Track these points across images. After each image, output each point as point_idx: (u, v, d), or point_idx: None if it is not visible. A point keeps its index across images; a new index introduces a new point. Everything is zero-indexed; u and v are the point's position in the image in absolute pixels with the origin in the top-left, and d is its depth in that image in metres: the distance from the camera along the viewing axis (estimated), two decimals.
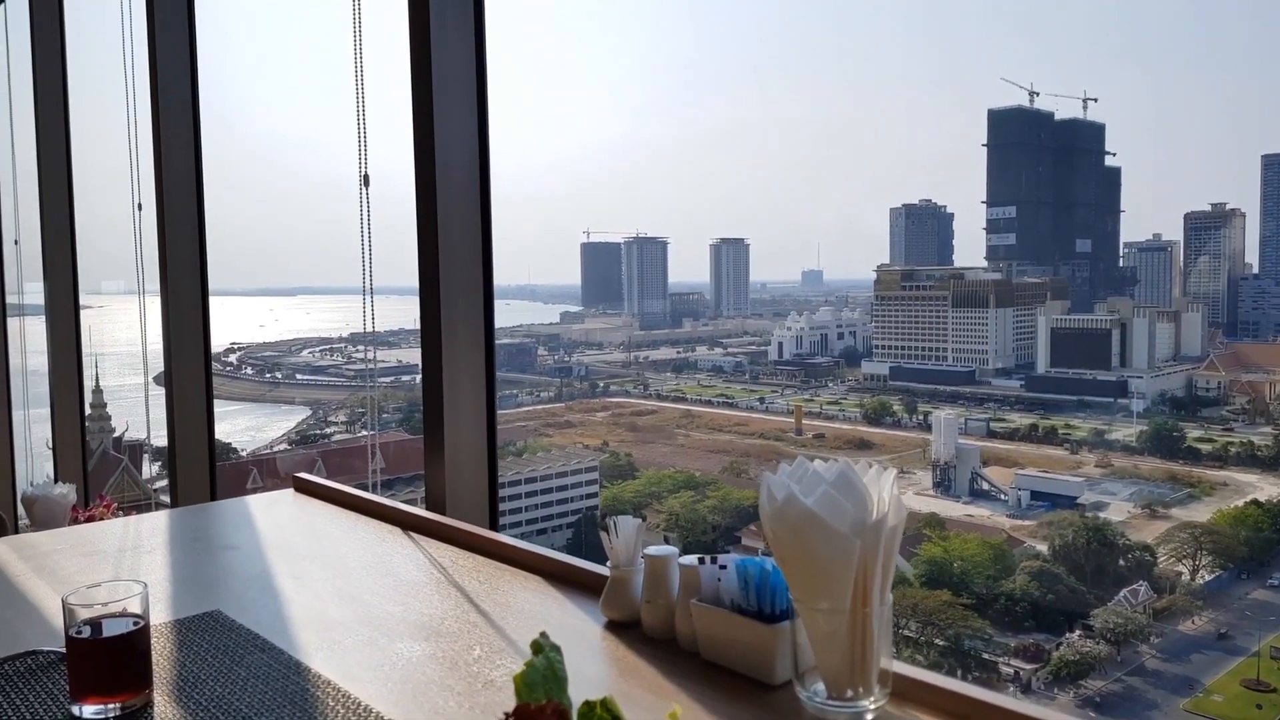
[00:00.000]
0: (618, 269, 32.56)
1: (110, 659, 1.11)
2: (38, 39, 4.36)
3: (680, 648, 1.24)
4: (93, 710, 1.10)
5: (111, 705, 1.10)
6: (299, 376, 28.69)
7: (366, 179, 2.42)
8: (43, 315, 4.66)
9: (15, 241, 5.32)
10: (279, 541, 1.89)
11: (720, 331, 30.86)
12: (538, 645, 0.88)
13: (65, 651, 1.13)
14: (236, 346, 29.41)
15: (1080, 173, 28.21)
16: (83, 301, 4.60)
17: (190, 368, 3.36)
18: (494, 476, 2.27)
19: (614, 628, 1.33)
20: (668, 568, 1.28)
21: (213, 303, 3.45)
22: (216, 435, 3.51)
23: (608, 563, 1.36)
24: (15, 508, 4.40)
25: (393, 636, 1.33)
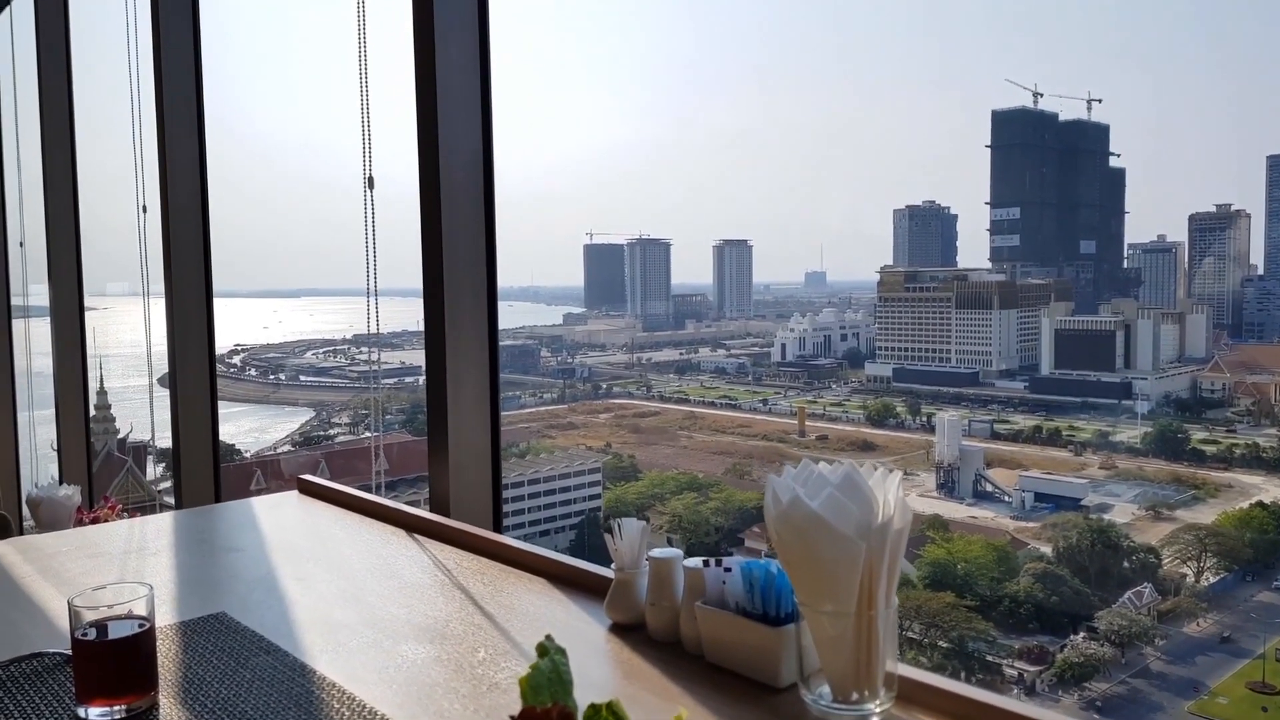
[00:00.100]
0: (621, 270, 32.57)
1: (116, 661, 1.12)
2: (43, 42, 4.38)
3: (685, 650, 1.24)
4: (98, 712, 1.10)
5: (117, 707, 1.10)
6: (302, 378, 28.73)
7: (371, 181, 2.43)
8: (48, 317, 4.67)
9: (20, 244, 5.33)
10: (283, 543, 1.89)
11: (723, 333, 30.85)
12: (543, 648, 0.88)
13: (71, 654, 1.14)
14: (240, 348, 29.46)
15: (1084, 174, 28.17)
16: (87, 303, 4.61)
17: (195, 369, 3.37)
18: (498, 478, 2.28)
19: (618, 630, 1.33)
20: (672, 570, 1.28)
21: (217, 304, 3.45)
22: (220, 436, 3.51)
23: (612, 565, 1.36)
24: (20, 509, 4.41)
25: (397, 639, 1.33)
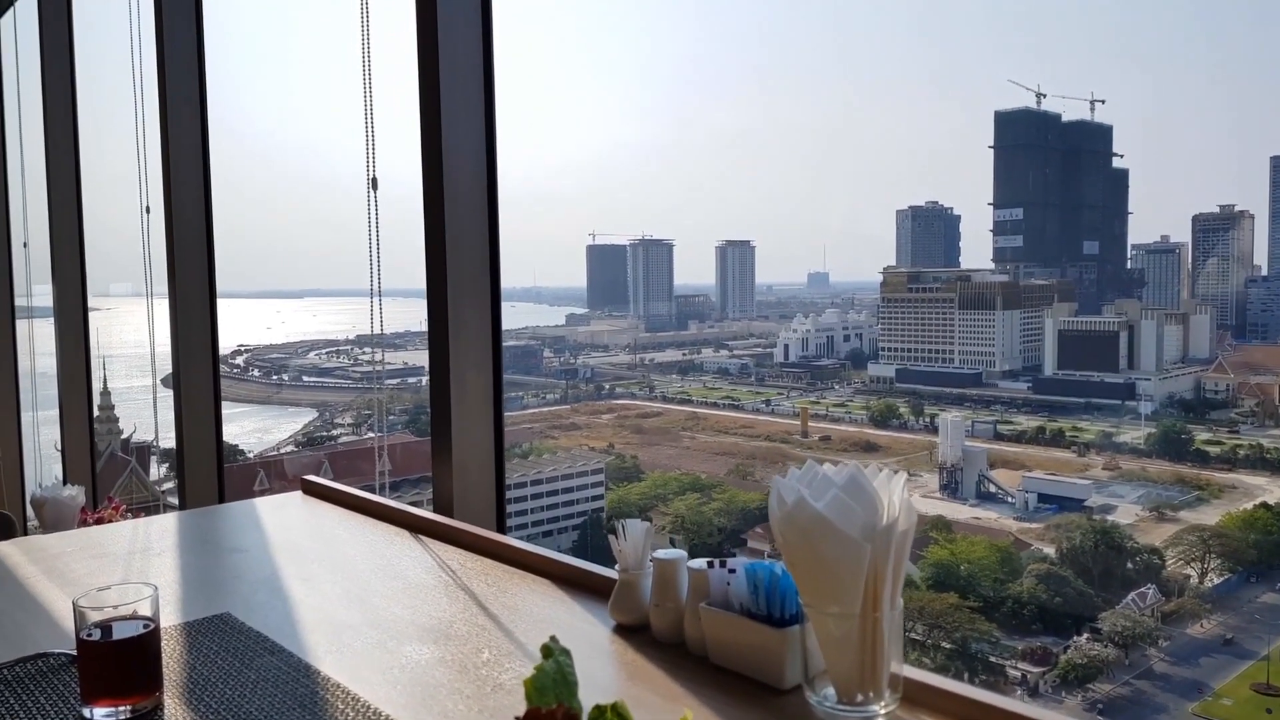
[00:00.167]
0: (623, 271, 32.57)
1: (121, 662, 1.12)
2: (46, 43, 4.39)
3: (689, 652, 1.24)
4: (103, 713, 1.10)
5: (122, 708, 1.10)
6: (305, 379, 28.76)
7: (375, 182, 2.43)
8: (51, 318, 4.68)
9: (24, 244, 5.35)
10: (287, 544, 1.89)
11: (726, 333, 30.83)
12: (548, 649, 0.88)
13: (76, 654, 1.14)
14: (244, 348, 29.50)
15: (1088, 174, 28.11)
16: (91, 304, 4.62)
17: (198, 370, 3.37)
18: (501, 479, 2.28)
19: (622, 631, 1.32)
20: (676, 571, 1.27)
21: (219, 305, 3.46)
22: (224, 437, 3.51)
23: (616, 566, 1.36)
24: (25, 510, 4.42)
25: (402, 639, 1.33)
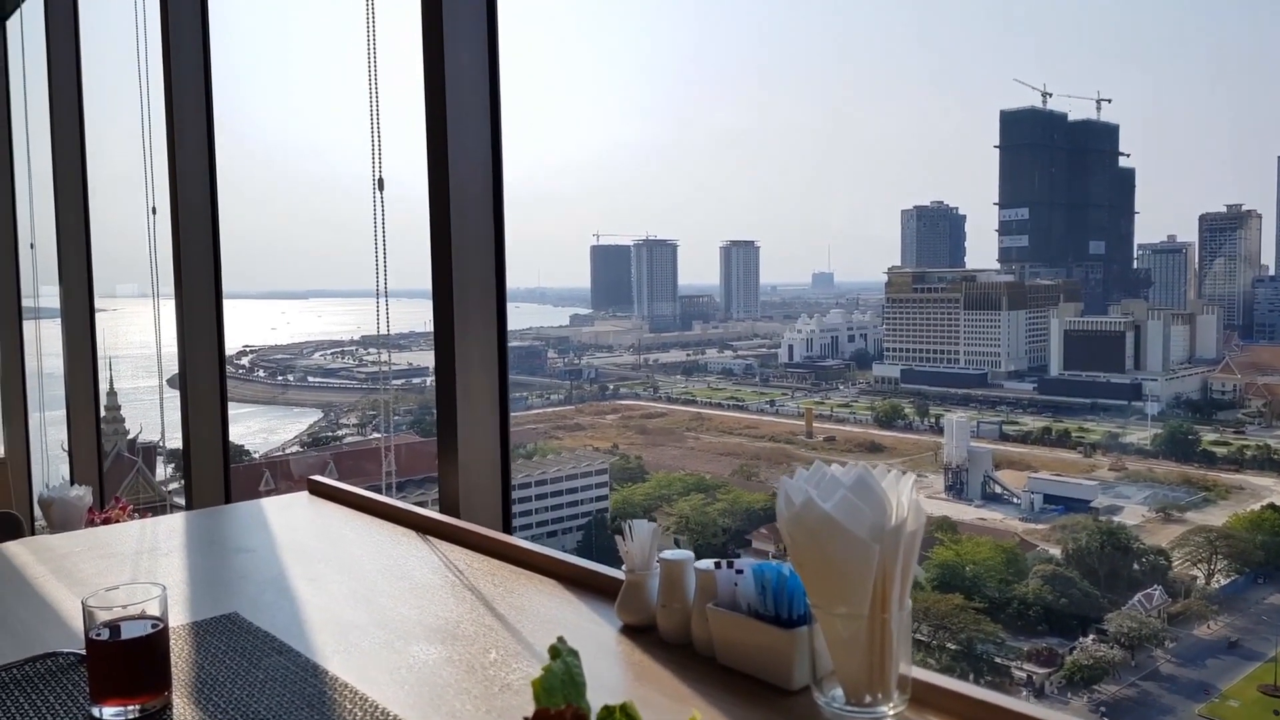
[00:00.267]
0: (627, 271, 32.56)
1: (129, 661, 1.12)
2: (53, 45, 4.40)
3: (696, 652, 1.23)
4: (112, 712, 1.11)
5: (131, 707, 1.11)
6: (310, 379, 28.82)
7: (381, 183, 2.43)
8: (58, 319, 4.70)
9: (31, 245, 5.37)
10: (294, 544, 1.89)
11: (730, 334, 30.81)
12: (555, 650, 0.88)
13: (85, 653, 1.14)
14: (249, 349, 29.57)
15: (1094, 174, 28.03)
16: (97, 305, 4.63)
17: (205, 370, 3.38)
18: (507, 479, 2.28)
19: (629, 632, 1.32)
20: (683, 572, 1.27)
21: (225, 305, 3.47)
22: (230, 437, 3.52)
23: (623, 567, 1.36)
24: (32, 510, 4.44)
25: (409, 639, 1.33)
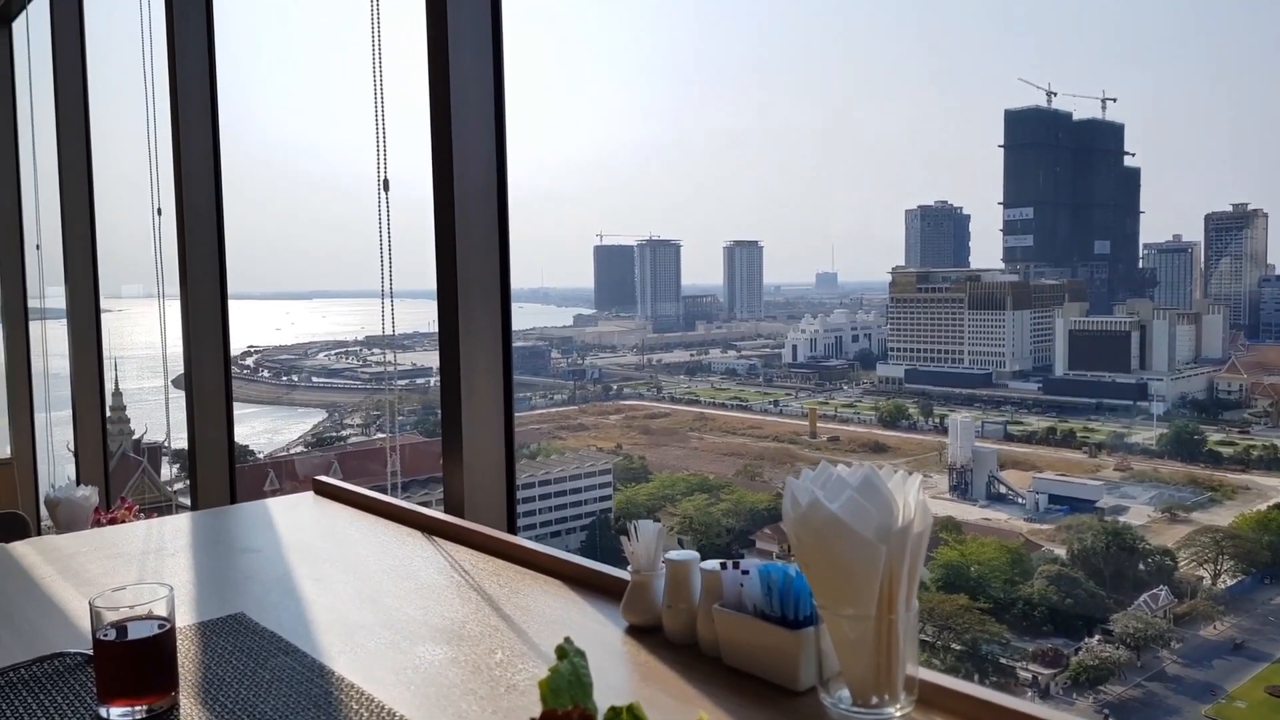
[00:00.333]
0: (631, 271, 32.57)
1: (137, 661, 1.12)
2: (58, 46, 4.42)
3: (702, 653, 1.23)
4: (120, 712, 1.11)
5: (138, 707, 1.11)
6: (315, 379, 28.88)
7: (386, 184, 2.44)
8: (64, 319, 4.71)
9: (37, 246, 5.38)
10: (300, 544, 1.90)
11: (734, 334, 30.80)
12: (562, 650, 0.88)
13: (92, 654, 1.14)
14: (253, 349, 29.64)
15: (1099, 173, 27.96)
16: (103, 305, 4.64)
17: (210, 371, 3.39)
18: (512, 480, 2.28)
19: (635, 633, 1.32)
20: (689, 572, 1.27)
21: (230, 306, 3.47)
22: (235, 437, 3.53)
23: (628, 567, 1.36)
24: (39, 510, 4.45)
25: (415, 640, 1.34)
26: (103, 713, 1.12)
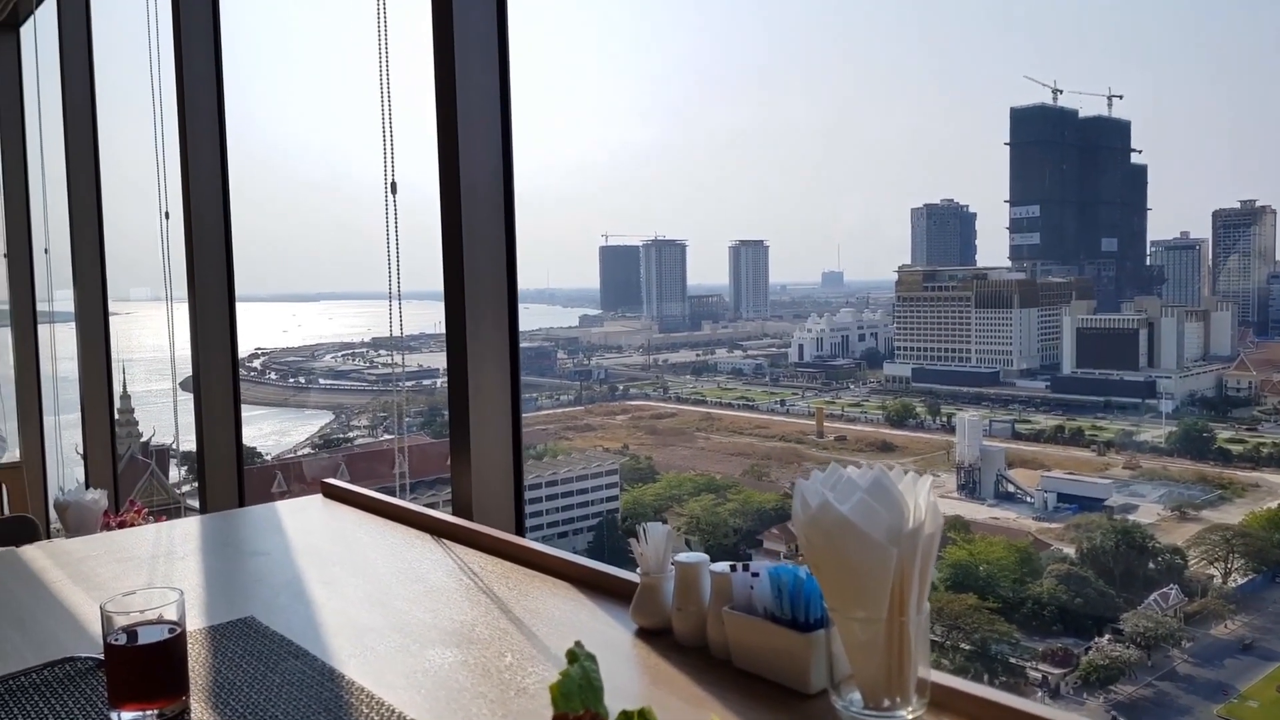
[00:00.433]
0: (636, 272, 32.54)
1: (148, 666, 1.12)
2: (66, 51, 4.43)
3: (712, 656, 1.23)
4: (131, 717, 1.11)
5: (149, 712, 1.11)
6: (322, 381, 28.94)
7: (394, 186, 2.44)
8: (72, 322, 4.73)
9: (45, 250, 5.41)
10: (308, 547, 1.90)
11: (740, 334, 30.74)
12: (573, 654, 0.88)
13: (103, 658, 1.14)
14: (260, 351, 29.71)
15: (1105, 171, 27.83)
16: (111, 308, 4.66)
17: (218, 373, 3.40)
18: (520, 481, 2.28)
19: (645, 635, 1.32)
20: (699, 575, 1.27)
21: (237, 308, 3.48)
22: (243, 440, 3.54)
23: (638, 569, 1.35)
24: (48, 513, 4.47)
25: (424, 643, 1.33)
26: (114, 717, 1.12)
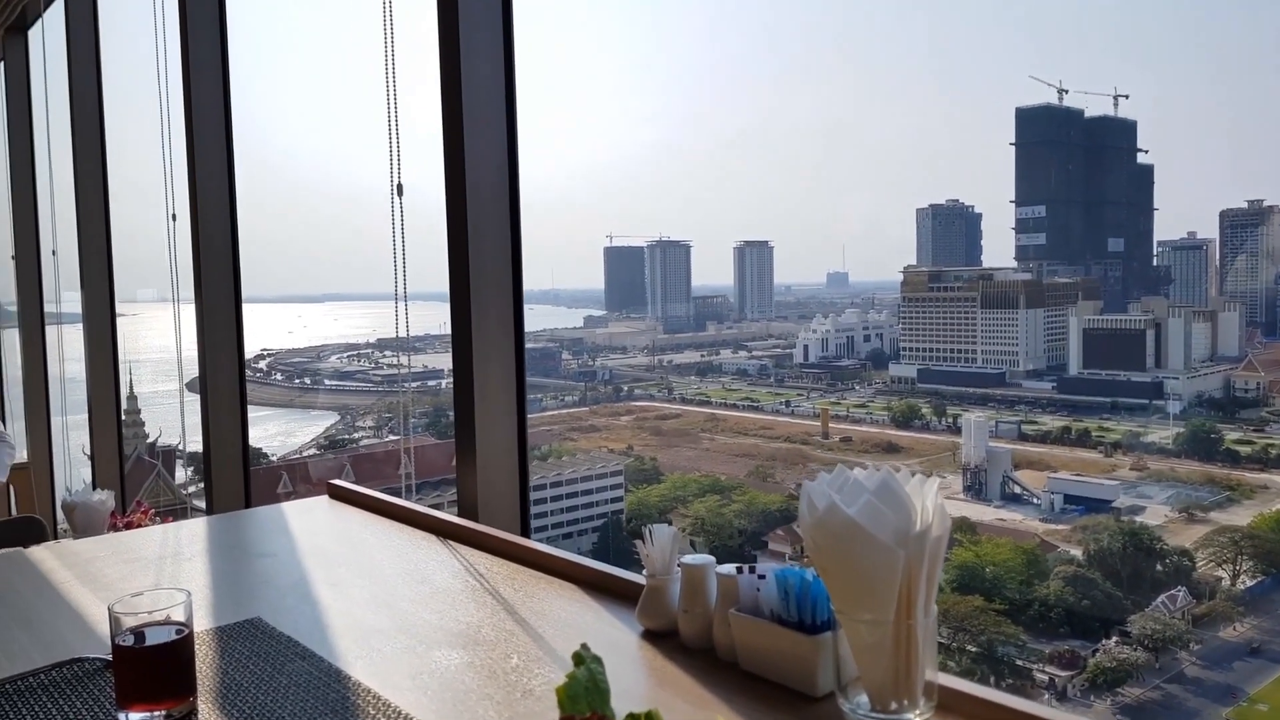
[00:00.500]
0: (641, 272, 32.55)
1: (155, 667, 1.13)
2: (74, 54, 4.45)
3: (719, 658, 1.23)
4: (138, 717, 1.11)
5: (157, 713, 1.11)
6: (327, 382, 29.01)
7: (400, 188, 2.44)
8: (79, 324, 4.75)
9: (53, 252, 5.43)
10: (315, 548, 1.90)
11: (744, 334, 30.73)
12: (579, 656, 0.88)
13: (111, 659, 1.15)
14: (266, 352, 29.80)
15: (1111, 171, 27.75)
16: (118, 310, 4.68)
17: (224, 374, 3.41)
18: (525, 482, 2.28)
19: (651, 637, 1.32)
20: (705, 577, 1.27)
21: (244, 309, 3.49)
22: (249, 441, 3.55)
23: (643, 571, 1.35)
24: (55, 514, 4.49)
25: (430, 644, 1.33)
26: (121, 718, 1.12)
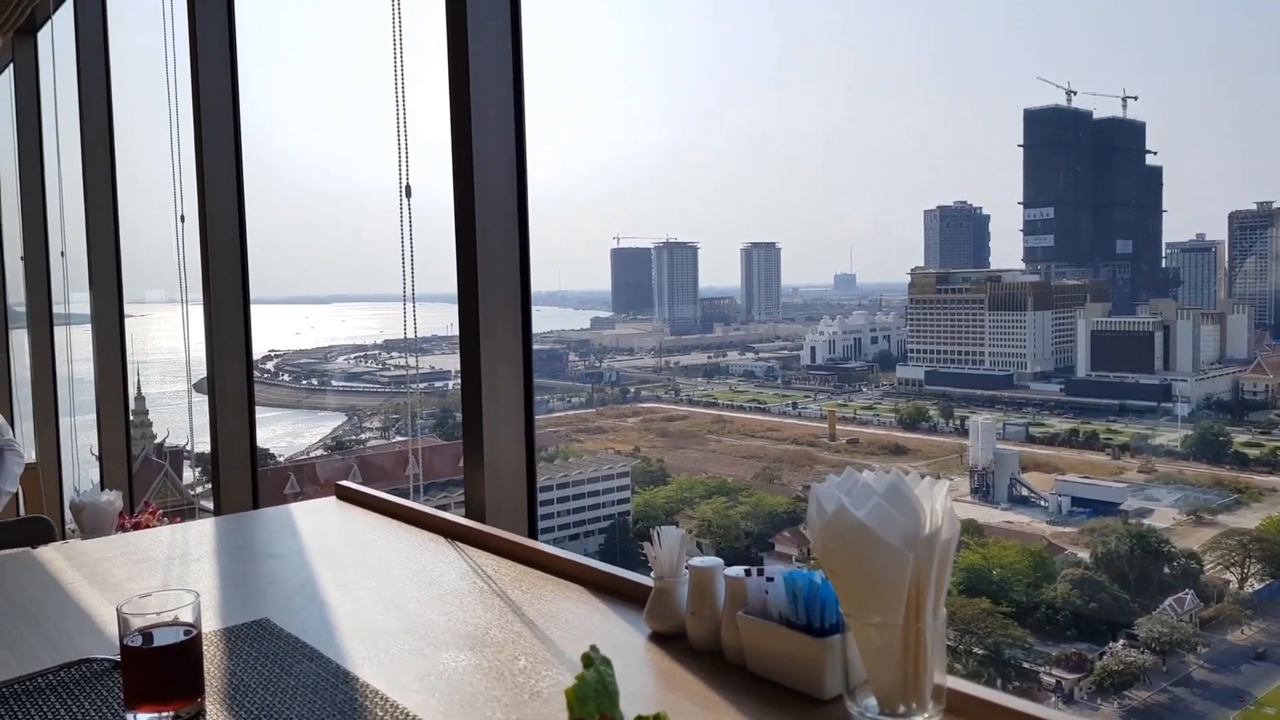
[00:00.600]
0: (648, 274, 32.55)
1: (163, 667, 1.13)
2: (83, 57, 4.48)
3: (727, 660, 1.22)
4: (147, 718, 1.11)
5: (165, 713, 1.12)
6: (334, 383, 29.09)
7: (408, 190, 2.45)
8: (88, 325, 4.77)
9: (62, 253, 5.46)
10: (323, 549, 1.90)
11: (752, 336, 30.69)
12: (588, 658, 0.87)
13: (119, 660, 1.15)
14: (274, 353, 29.88)
15: (1120, 172, 27.63)
16: (126, 310, 4.70)
17: (232, 375, 3.42)
18: (533, 484, 2.28)
19: (659, 639, 1.32)
20: (713, 579, 1.26)
21: (251, 310, 3.50)
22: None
23: (651, 573, 1.35)
24: (63, 514, 4.51)
25: (438, 646, 1.33)
26: (130, 718, 1.12)
